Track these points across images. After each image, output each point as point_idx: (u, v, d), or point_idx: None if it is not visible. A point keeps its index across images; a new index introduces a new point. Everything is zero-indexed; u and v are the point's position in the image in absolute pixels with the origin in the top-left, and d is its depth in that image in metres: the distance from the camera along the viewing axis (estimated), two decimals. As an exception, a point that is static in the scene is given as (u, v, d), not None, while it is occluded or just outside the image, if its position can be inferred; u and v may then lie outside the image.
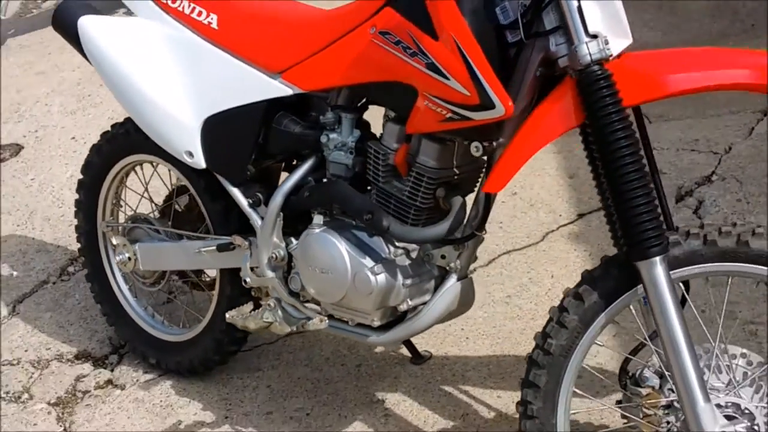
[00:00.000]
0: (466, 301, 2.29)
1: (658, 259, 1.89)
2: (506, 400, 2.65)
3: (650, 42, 4.63)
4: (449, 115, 2.03)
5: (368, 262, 2.23)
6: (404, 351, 2.84)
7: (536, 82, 2.01)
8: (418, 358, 2.84)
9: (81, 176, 2.94)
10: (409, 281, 2.25)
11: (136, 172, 2.92)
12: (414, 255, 2.29)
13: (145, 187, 2.93)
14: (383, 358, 2.90)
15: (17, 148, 4.58)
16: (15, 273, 3.57)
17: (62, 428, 2.82)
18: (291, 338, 3.02)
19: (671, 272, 1.95)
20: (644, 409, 2.03)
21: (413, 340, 2.85)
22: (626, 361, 2.12)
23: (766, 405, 1.98)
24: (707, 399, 1.89)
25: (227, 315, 2.46)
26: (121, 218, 2.94)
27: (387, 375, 2.83)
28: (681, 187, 3.46)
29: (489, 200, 2.16)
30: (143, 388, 2.93)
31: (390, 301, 2.25)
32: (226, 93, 2.42)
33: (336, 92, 2.34)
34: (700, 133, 3.75)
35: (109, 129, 2.85)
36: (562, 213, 3.45)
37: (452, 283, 2.25)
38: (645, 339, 2.07)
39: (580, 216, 3.43)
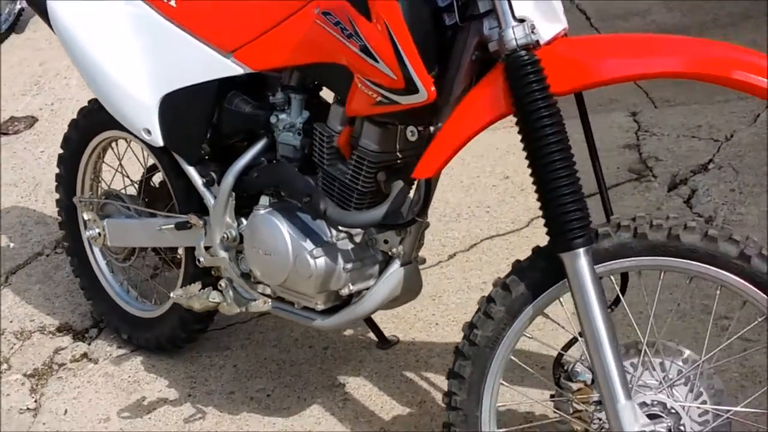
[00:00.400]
0: (411, 287, 2.26)
1: (581, 251, 1.84)
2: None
3: (668, 23, 4.53)
4: (379, 98, 1.99)
5: (309, 245, 2.21)
6: (372, 335, 2.83)
7: (473, 67, 1.96)
8: (384, 342, 2.83)
9: (61, 150, 2.96)
10: (350, 266, 2.22)
11: (112, 148, 2.93)
12: (358, 239, 2.27)
13: (119, 163, 2.94)
14: (351, 341, 2.88)
15: (32, 121, 4.65)
16: (12, 245, 3.63)
17: (33, 399, 2.85)
18: (264, 318, 3.01)
19: (602, 264, 1.90)
20: (575, 405, 1.99)
21: (380, 324, 2.84)
22: (560, 355, 2.07)
23: (699, 405, 1.93)
24: (628, 397, 1.84)
25: (172, 294, 2.45)
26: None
27: (352, 359, 2.81)
28: (675, 175, 3.38)
29: (429, 186, 2.12)
30: (114, 363, 2.95)
31: (331, 284, 2.23)
32: (182, 71, 2.41)
33: (288, 73, 2.31)
34: (704, 119, 3.65)
35: (86, 104, 2.86)
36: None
37: (395, 269, 2.22)
38: (577, 334, 2.01)
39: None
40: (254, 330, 2.99)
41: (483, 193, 3.48)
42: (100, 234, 2.81)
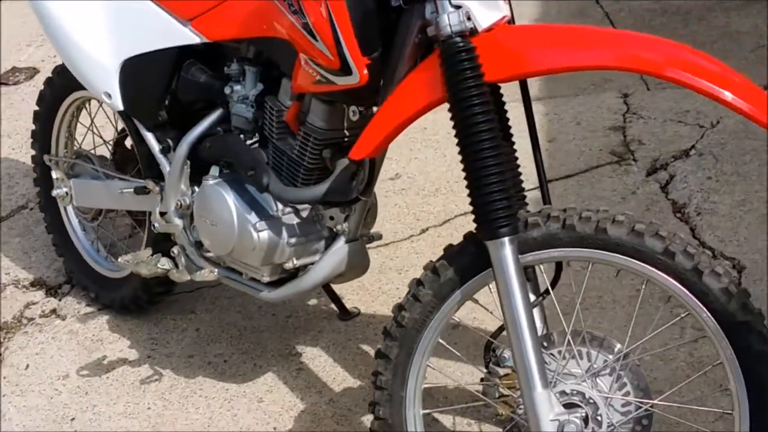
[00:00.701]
0: (356, 264, 2.27)
1: (506, 239, 1.84)
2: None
3: (674, 4, 4.47)
4: (318, 77, 1.99)
5: (253, 218, 2.22)
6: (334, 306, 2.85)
7: (417, 49, 1.95)
8: (345, 314, 2.85)
9: (36, 107, 2.99)
10: (294, 240, 2.24)
11: (86, 108, 2.96)
12: (304, 215, 2.28)
13: (91, 123, 2.97)
14: (313, 311, 2.90)
15: (33, 72, 4.68)
16: (-3, 196, 3.67)
17: (-2, 353, 2.91)
18: (231, 283, 3.03)
19: (530, 254, 1.90)
20: (501, 390, 1.99)
21: (344, 296, 2.86)
22: (490, 341, 2.07)
23: (623, 395, 1.93)
24: (545, 385, 1.85)
25: (120, 259, 2.48)
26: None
27: (312, 328, 2.83)
28: (656, 160, 3.35)
29: (373, 166, 2.12)
30: (80, 321, 2.99)
31: (275, 258, 2.24)
32: (142, 37, 2.43)
33: (245, 44, 2.32)
34: (693, 104, 3.61)
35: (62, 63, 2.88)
36: (530, 177, 3.36)
37: (339, 246, 2.23)
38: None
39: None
40: (221, 295, 3.01)
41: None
42: (67, 193, 2.85)
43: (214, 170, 2.31)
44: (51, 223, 3.09)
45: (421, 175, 3.48)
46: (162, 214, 2.49)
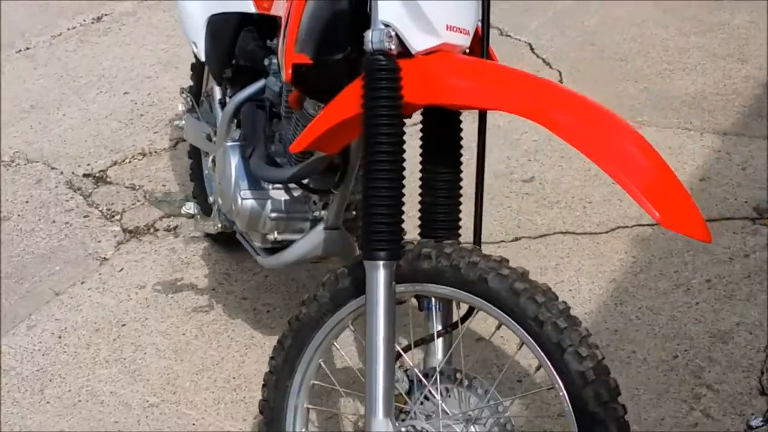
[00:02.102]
0: (333, 251, 2.34)
1: (381, 263, 1.85)
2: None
3: None
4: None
5: (243, 185, 2.36)
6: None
7: None
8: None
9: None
10: (275, 215, 2.35)
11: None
12: (295, 193, 2.37)
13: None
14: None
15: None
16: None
17: (112, 252, 3.26)
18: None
19: (415, 284, 1.90)
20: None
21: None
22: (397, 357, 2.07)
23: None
24: (387, 414, 1.85)
25: (148, 198, 2.70)
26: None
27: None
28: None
29: (347, 161, 2.18)
30: (184, 242, 3.29)
31: (258, 227, 2.37)
32: (221, -2, 2.61)
33: (281, 21, 2.43)
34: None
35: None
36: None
37: (317, 231, 2.32)
38: (411, 341, 2.02)
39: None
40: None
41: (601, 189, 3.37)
42: (182, 127, 3.11)
43: (235, 133, 2.46)
44: (191, 150, 3.38)
45: (552, 184, 3.40)
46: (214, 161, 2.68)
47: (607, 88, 4.01)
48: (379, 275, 1.86)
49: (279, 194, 2.38)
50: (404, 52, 1.87)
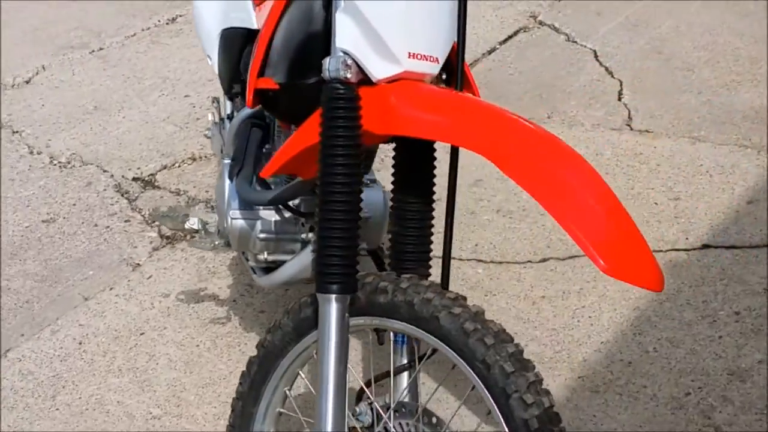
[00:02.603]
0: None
1: (333, 297, 1.81)
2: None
3: None
4: None
5: (233, 204, 2.34)
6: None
7: None
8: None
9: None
10: (264, 235, 2.33)
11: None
12: (286, 214, 2.34)
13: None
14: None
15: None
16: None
17: (145, 258, 3.30)
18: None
19: (371, 317, 1.85)
20: (358, 439, 1.97)
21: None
22: (362, 390, 2.03)
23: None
24: (335, 447, 1.81)
25: (152, 210, 2.71)
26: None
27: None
28: None
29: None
30: (216, 251, 3.28)
31: (248, 247, 2.35)
32: (234, 12, 2.59)
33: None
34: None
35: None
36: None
37: (306, 252, 2.29)
38: (372, 376, 1.98)
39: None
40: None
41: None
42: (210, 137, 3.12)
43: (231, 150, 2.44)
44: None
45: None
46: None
47: (668, 99, 3.86)
48: (331, 309, 1.82)
49: (269, 215, 2.35)
50: (366, 79, 1.82)
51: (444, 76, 1.95)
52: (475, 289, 2.94)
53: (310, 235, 2.28)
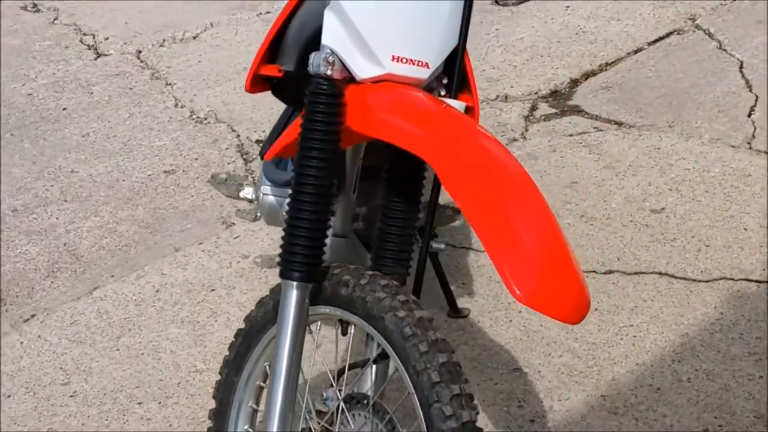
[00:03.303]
0: (342, 258, 2.36)
1: (294, 284, 1.89)
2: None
3: None
4: None
5: (265, 180, 2.43)
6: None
7: None
8: (454, 311, 2.88)
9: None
10: (289, 214, 2.41)
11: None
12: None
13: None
14: (426, 303, 2.97)
15: None
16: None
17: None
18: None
19: (331, 307, 1.92)
20: (315, 424, 2.05)
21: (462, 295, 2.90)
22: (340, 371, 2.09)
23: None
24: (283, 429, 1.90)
25: (212, 175, 2.82)
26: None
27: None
28: None
29: (343, 168, 2.21)
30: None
31: (277, 223, 2.44)
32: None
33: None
34: None
35: None
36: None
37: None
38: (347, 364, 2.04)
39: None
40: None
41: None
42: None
43: (279, 127, 2.54)
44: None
45: (679, 219, 3.20)
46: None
47: (802, 123, 3.66)
48: (290, 295, 1.90)
49: (294, 194, 2.44)
50: (353, 77, 1.87)
51: (445, 81, 1.97)
52: (530, 292, 2.92)
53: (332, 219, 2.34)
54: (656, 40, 4.40)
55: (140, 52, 4.79)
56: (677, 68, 4.13)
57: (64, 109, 4.32)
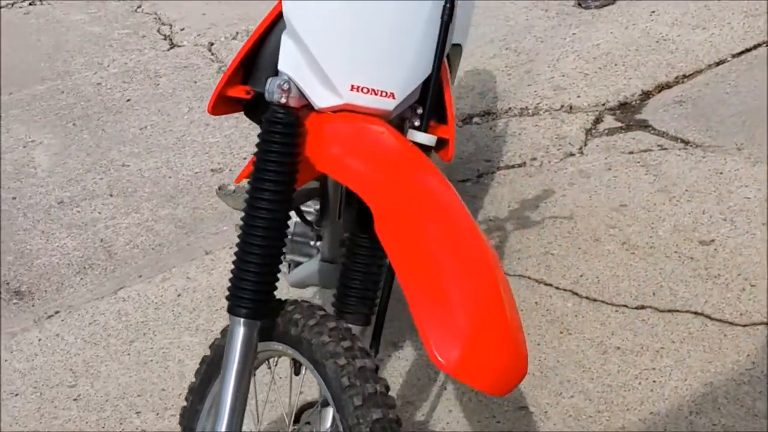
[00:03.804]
0: (328, 283, 2.30)
1: (240, 320, 1.80)
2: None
3: None
4: None
5: None
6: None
7: None
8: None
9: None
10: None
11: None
12: (309, 218, 2.32)
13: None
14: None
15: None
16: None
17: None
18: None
19: (276, 343, 1.83)
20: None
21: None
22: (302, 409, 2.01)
23: None
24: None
25: (219, 187, 2.74)
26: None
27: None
28: None
29: (325, 198, 2.12)
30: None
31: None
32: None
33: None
34: None
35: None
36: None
37: (315, 260, 2.28)
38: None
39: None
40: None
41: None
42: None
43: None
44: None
45: (729, 253, 2.98)
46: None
47: None
48: (237, 332, 1.82)
49: (291, 215, 2.34)
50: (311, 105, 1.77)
51: (420, 111, 1.84)
52: (553, 324, 2.76)
53: (319, 243, 2.25)
54: (741, 52, 4.13)
55: (212, 44, 4.78)
56: (759, 84, 3.86)
57: (128, 100, 4.33)
